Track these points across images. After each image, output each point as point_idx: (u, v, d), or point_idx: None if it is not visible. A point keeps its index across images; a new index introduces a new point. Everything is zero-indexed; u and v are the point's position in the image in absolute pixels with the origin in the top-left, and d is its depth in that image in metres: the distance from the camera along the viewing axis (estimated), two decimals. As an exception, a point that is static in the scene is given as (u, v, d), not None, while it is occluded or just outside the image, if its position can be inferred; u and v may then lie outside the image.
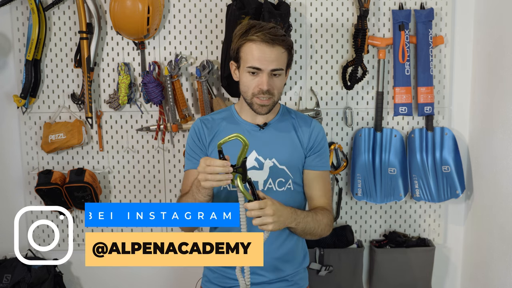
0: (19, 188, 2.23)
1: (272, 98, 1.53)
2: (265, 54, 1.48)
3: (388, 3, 2.12)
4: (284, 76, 1.56)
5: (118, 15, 1.95)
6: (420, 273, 2.17)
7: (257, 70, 1.49)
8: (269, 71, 1.49)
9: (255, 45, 1.48)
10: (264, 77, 1.49)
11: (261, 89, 1.50)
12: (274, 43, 1.47)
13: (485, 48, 2.05)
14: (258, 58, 1.48)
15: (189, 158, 1.64)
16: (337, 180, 2.21)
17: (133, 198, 2.24)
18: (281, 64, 1.50)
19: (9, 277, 2.08)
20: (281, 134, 1.61)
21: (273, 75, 1.51)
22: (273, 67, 1.49)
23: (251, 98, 1.53)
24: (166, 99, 2.12)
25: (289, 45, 1.53)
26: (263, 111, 1.55)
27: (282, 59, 1.51)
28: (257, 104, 1.53)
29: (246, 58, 1.51)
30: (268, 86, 1.50)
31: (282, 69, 1.51)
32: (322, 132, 1.66)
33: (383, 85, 2.13)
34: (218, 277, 1.62)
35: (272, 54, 1.48)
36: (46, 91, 2.17)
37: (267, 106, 1.54)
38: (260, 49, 1.48)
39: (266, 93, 1.51)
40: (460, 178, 2.13)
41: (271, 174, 1.57)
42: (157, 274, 2.30)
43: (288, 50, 1.53)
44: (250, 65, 1.49)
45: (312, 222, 1.52)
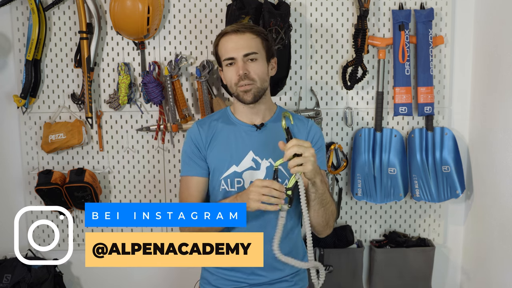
0: (19, 188, 2.23)
1: (254, 84, 1.54)
2: (235, 42, 1.54)
3: (388, 3, 2.12)
4: (262, 62, 1.57)
5: (118, 15, 1.95)
6: (420, 273, 2.17)
7: (232, 59, 1.54)
8: (241, 57, 1.53)
9: (225, 38, 1.56)
10: (239, 63, 1.53)
11: (239, 75, 1.53)
12: (242, 31, 1.54)
13: (485, 48, 2.05)
14: (230, 48, 1.54)
15: (187, 163, 1.62)
16: (337, 180, 2.21)
17: (133, 198, 2.24)
18: (253, 48, 1.54)
19: (9, 277, 2.08)
20: (277, 134, 1.60)
21: (250, 60, 1.54)
22: (244, 52, 1.53)
23: (235, 89, 1.57)
24: (166, 99, 2.12)
25: (260, 32, 1.58)
26: (248, 97, 1.55)
27: (253, 44, 1.55)
28: (241, 92, 1.55)
29: (222, 54, 1.58)
30: (244, 70, 1.52)
31: (255, 53, 1.54)
32: (319, 132, 1.66)
33: (383, 85, 2.13)
34: (217, 279, 1.62)
35: (241, 41, 1.54)
36: (46, 91, 2.17)
37: (250, 91, 1.54)
38: (229, 40, 1.55)
39: (245, 78, 1.53)
40: (460, 178, 2.13)
41: (268, 174, 1.56)
42: (157, 275, 2.30)
43: (261, 36, 1.57)
44: (225, 58, 1.56)
45: (327, 193, 1.48)
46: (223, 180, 1.57)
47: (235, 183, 1.56)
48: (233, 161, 1.57)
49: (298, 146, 1.32)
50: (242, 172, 1.56)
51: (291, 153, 1.32)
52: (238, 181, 1.56)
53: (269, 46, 1.60)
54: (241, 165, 1.57)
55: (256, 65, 1.55)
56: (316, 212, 1.48)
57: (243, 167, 1.57)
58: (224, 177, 1.57)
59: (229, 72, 1.57)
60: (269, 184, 1.33)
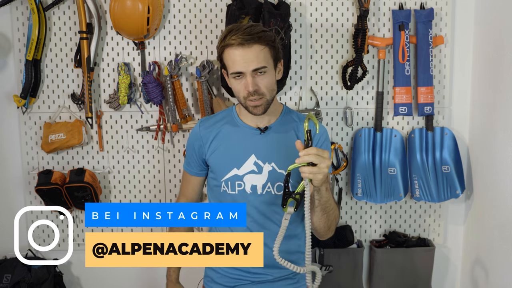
0: (19, 188, 2.23)
1: (263, 98, 1.49)
2: (242, 56, 1.45)
3: (388, 3, 2.12)
4: (271, 72, 1.51)
5: (118, 15, 1.95)
6: (420, 273, 2.18)
7: (240, 74, 1.48)
8: (250, 72, 1.46)
9: (232, 50, 1.46)
10: (248, 78, 1.46)
11: (248, 91, 1.48)
12: (249, 43, 1.44)
13: (485, 48, 2.05)
14: (238, 62, 1.46)
15: (187, 160, 1.69)
16: (337, 180, 2.21)
17: (133, 198, 2.24)
18: (262, 61, 1.46)
19: (9, 277, 2.08)
20: (281, 138, 1.59)
21: (258, 74, 1.48)
22: (253, 67, 1.45)
23: (244, 101, 1.52)
24: (166, 99, 2.12)
25: (269, 40, 1.49)
26: (258, 111, 1.52)
27: (262, 56, 1.47)
28: (251, 106, 1.51)
29: (228, 65, 1.50)
30: (254, 87, 1.47)
31: (264, 67, 1.47)
32: (324, 135, 1.62)
33: (383, 85, 2.13)
34: (221, 277, 1.62)
35: (250, 54, 1.45)
36: (46, 91, 2.17)
37: (260, 106, 1.51)
38: (237, 53, 1.46)
39: (254, 94, 1.48)
40: (460, 178, 2.13)
41: (270, 178, 1.55)
42: (157, 275, 2.30)
43: (269, 45, 1.48)
44: (232, 71, 1.48)
45: (332, 200, 1.47)
46: (223, 182, 1.58)
47: (235, 186, 1.56)
48: (235, 164, 1.56)
49: (316, 156, 1.28)
50: (243, 175, 1.56)
51: (308, 160, 1.28)
52: (239, 184, 1.56)
53: (277, 51, 1.53)
54: (243, 168, 1.56)
55: (265, 78, 1.49)
56: (319, 218, 1.47)
57: (244, 171, 1.56)
58: (225, 179, 1.57)
59: (237, 85, 1.51)
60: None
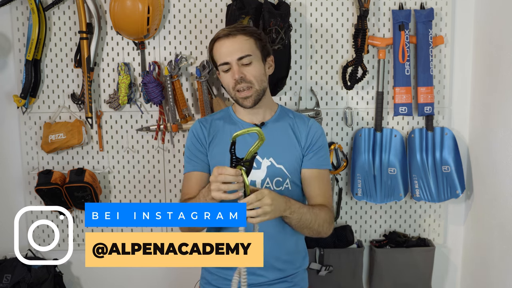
0: (19, 188, 2.23)
1: (252, 88, 1.54)
2: (228, 47, 1.53)
3: (388, 3, 2.12)
4: (258, 63, 1.56)
5: (118, 15, 1.95)
6: (420, 273, 2.17)
7: (227, 65, 1.54)
8: (236, 61, 1.52)
9: (218, 43, 1.55)
10: (234, 67, 1.53)
11: (235, 79, 1.52)
12: (234, 34, 1.53)
13: (485, 48, 2.05)
14: (223, 53, 1.53)
15: (189, 160, 1.65)
16: (337, 180, 2.21)
17: (133, 198, 2.24)
18: (246, 50, 1.53)
19: (9, 277, 2.08)
20: (278, 133, 1.62)
21: (245, 64, 1.53)
22: (238, 55, 1.52)
23: (234, 94, 1.57)
24: (166, 99, 2.12)
25: (254, 32, 1.56)
26: (248, 103, 1.55)
27: (247, 46, 1.53)
28: (240, 98, 1.55)
29: (216, 59, 1.57)
30: (239, 74, 1.52)
31: (249, 55, 1.53)
32: (319, 130, 1.66)
33: (383, 85, 2.13)
34: (217, 278, 1.62)
35: (234, 44, 1.52)
36: (46, 91, 2.17)
37: (249, 97, 1.54)
38: (222, 44, 1.54)
39: (241, 82, 1.52)
40: (460, 178, 2.12)
41: (268, 173, 1.57)
42: (157, 275, 2.30)
43: (255, 36, 1.56)
44: (220, 63, 1.55)
45: (308, 213, 1.49)
46: None
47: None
48: None
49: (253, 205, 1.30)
50: None
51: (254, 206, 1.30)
52: None
53: (264, 45, 1.59)
54: None
55: (251, 67, 1.54)
56: (303, 232, 1.55)
57: None
58: None
59: (226, 77, 1.57)
60: (222, 171, 1.29)
